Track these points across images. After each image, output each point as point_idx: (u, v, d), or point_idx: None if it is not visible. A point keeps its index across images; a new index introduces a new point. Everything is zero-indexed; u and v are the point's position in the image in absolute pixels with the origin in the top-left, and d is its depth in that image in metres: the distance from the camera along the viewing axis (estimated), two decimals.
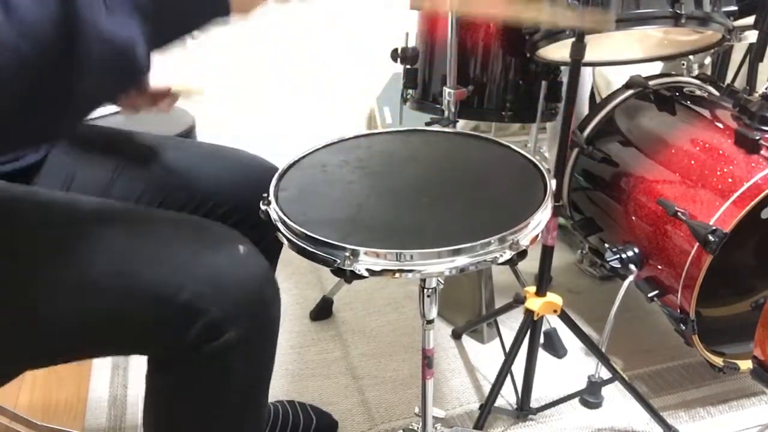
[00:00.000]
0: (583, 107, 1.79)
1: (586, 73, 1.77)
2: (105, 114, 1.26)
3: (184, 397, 0.81)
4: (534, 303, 1.21)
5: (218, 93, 2.18)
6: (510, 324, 1.51)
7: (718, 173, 1.19)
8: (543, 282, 1.21)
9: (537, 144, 1.86)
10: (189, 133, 1.78)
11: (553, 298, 1.22)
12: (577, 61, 1.04)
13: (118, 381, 1.41)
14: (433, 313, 0.88)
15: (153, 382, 0.81)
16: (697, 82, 1.47)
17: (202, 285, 0.72)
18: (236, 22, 0.67)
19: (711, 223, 1.13)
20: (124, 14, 0.56)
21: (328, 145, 0.97)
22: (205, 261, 0.75)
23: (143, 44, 0.58)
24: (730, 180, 1.16)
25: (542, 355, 1.44)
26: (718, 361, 1.27)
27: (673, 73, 1.54)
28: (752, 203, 1.11)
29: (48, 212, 0.77)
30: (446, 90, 1.41)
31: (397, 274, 0.72)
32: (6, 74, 0.53)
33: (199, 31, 0.65)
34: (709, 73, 1.66)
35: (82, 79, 0.56)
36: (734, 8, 1.17)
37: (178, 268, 0.73)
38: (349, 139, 0.99)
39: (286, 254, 0.93)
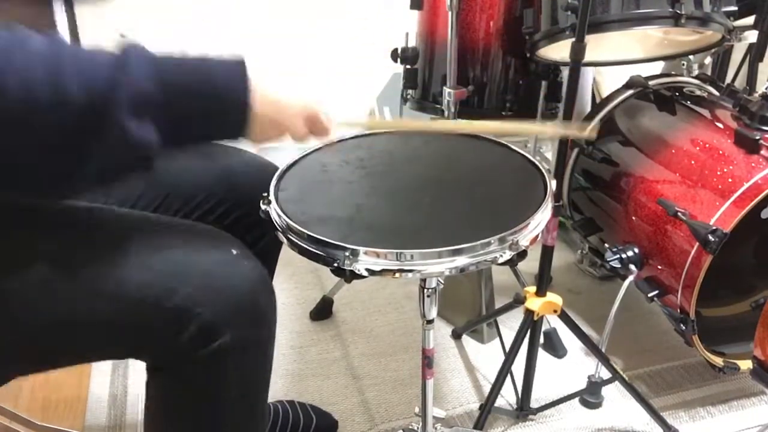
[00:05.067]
0: (585, 106, 1.79)
1: (587, 72, 1.77)
2: None
3: (181, 401, 0.80)
4: (534, 303, 1.21)
5: None
6: (510, 324, 1.51)
7: (718, 173, 1.19)
8: (543, 282, 1.21)
9: (537, 144, 1.86)
10: None
11: (553, 298, 1.22)
12: (577, 61, 1.04)
13: (118, 381, 1.41)
14: (433, 313, 0.88)
15: (151, 386, 0.81)
16: (697, 82, 1.47)
17: (194, 289, 0.72)
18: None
19: (711, 223, 1.13)
20: (147, 124, 0.63)
21: (328, 145, 0.97)
22: (197, 264, 0.74)
23: (155, 147, 0.64)
24: (730, 180, 1.16)
25: (542, 355, 1.44)
26: (718, 361, 1.27)
27: (673, 73, 1.54)
28: (752, 203, 1.11)
29: (39, 219, 0.77)
30: (446, 90, 1.41)
31: (397, 274, 0.72)
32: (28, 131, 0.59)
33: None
34: (709, 73, 1.66)
35: (92, 158, 0.62)
36: (734, 8, 1.17)
37: (170, 272, 0.73)
38: (350, 139, 0.99)
39: (286, 254, 0.93)
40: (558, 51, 1.25)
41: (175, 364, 0.76)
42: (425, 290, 0.87)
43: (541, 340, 1.32)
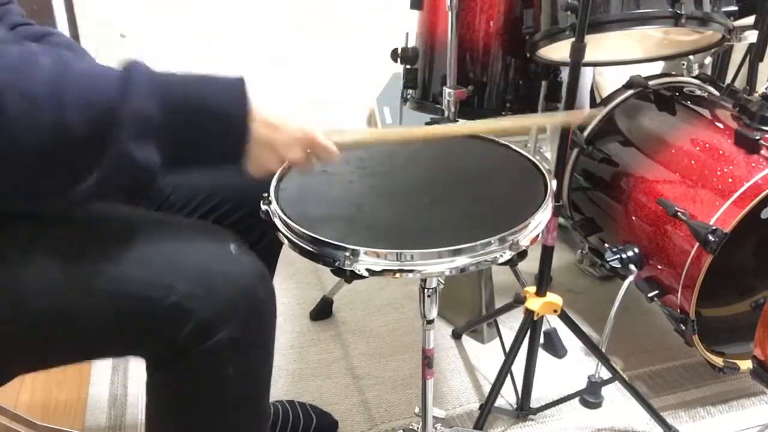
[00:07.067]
0: (585, 106, 1.79)
1: (587, 72, 1.77)
2: None
3: (181, 399, 0.80)
4: (534, 303, 1.21)
5: None
6: (510, 324, 1.51)
7: (718, 173, 1.19)
8: (543, 282, 1.21)
9: (537, 144, 1.86)
10: None
11: (553, 298, 1.22)
12: (577, 61, 1.04)
13: (118, 381, 1.41)
14: (433, 313, 0.89)
15: (150, 384, 0.81)
16: (697, 82, 1.47)
17: (192, 285, 0.72)
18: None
19: (711, 223, 1.13)
20: (150, 147, 0.64)
21: None
22: (194, 260, 0.74)
23: (158, 170, 0.66)
24: (730, 180, 1.16)
25: (542, 355, 1.44)
26: (718, 361, 1.27)
27: (673, 73, 1.54)
28: (752, 203, 1.11)
29: (35, 214, 0.77)
30: (446, 90, 1.41)
31: (397, 274, 0.72)
32: (33, 149, 0.61)
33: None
34: (709, 73, 1.66)
35: (91, 177, 0.63)
36: (734, 8, 1.17)
37: (167, 268, 0.73)
38: None
39: (287, 254, 0.94)
40: (558, 51, 1.25)
41: (174, 361, 0.75)
42: (425, 290, 0.87)
43: (541, 340, 1.32)
